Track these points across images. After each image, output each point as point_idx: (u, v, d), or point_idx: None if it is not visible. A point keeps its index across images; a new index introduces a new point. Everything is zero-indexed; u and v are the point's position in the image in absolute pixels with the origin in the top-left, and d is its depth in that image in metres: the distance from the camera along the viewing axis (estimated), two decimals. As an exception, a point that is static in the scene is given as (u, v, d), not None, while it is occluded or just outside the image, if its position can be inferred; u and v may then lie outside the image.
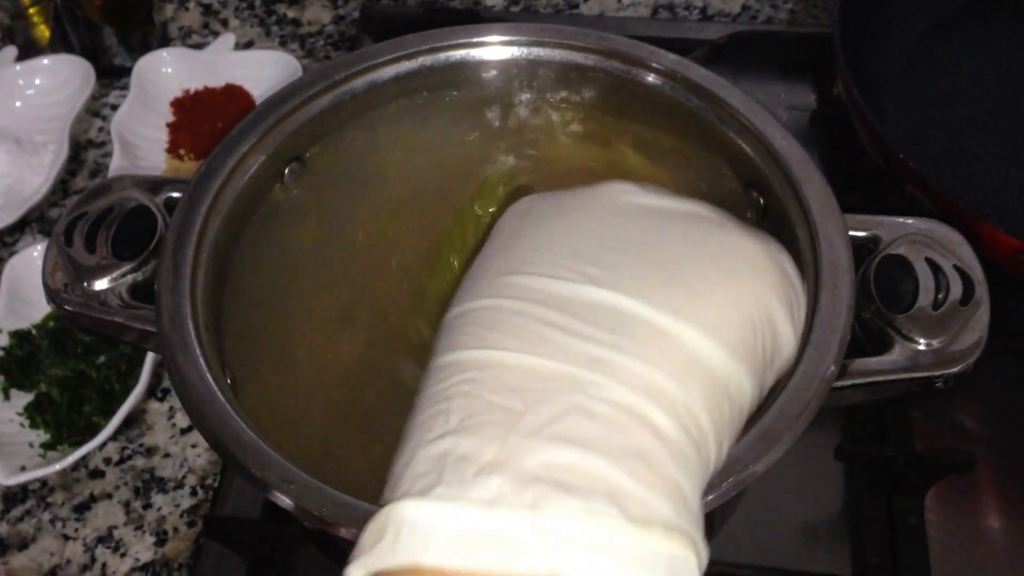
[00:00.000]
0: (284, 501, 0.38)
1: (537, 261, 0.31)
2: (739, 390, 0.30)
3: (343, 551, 0.50)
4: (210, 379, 0.41)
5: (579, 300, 0.29)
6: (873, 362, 0.43)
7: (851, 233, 0.45)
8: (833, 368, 0.40)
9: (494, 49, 0.54)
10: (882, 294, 0.44)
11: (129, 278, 0.47)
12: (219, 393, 0.41)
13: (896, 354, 0.43)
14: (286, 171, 0.52)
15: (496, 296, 0.30)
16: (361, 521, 0.36)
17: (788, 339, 0.33)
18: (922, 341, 0.43)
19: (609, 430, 0.26)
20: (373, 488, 0.42)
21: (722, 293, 0.30)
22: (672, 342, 0.28)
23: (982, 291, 0.44)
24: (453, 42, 0.54)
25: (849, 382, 0.42)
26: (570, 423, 0.26)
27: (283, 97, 0.51)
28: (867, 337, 0.45)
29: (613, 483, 0.25)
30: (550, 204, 0.35)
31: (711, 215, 0.34)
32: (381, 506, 0.27)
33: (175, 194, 0.50)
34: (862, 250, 0.46)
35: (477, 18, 0.85)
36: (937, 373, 0.43)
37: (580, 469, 0.25)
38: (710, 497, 0.37)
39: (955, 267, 0.45)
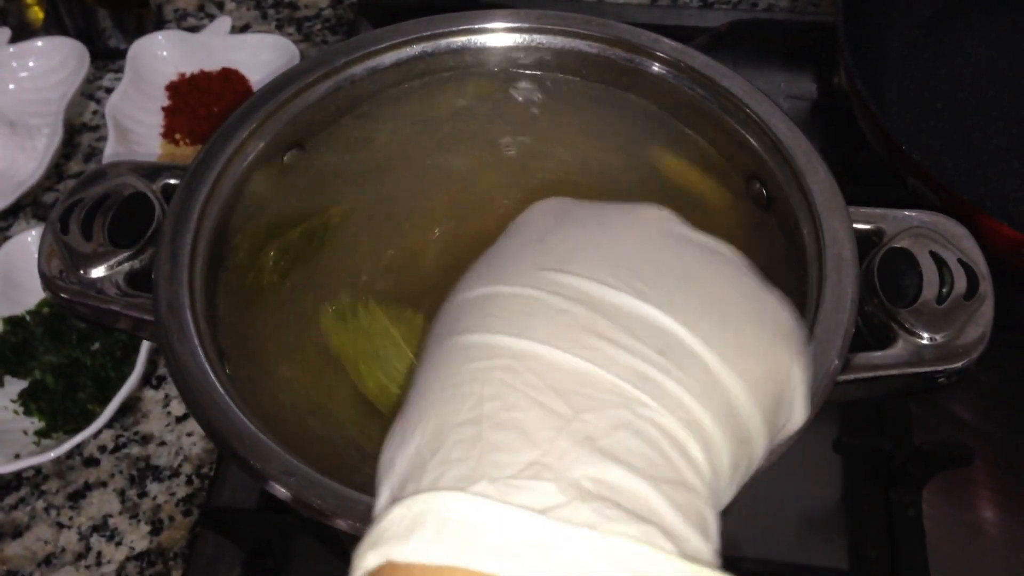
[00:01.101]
0: (282, 493, 0.38)
1: (581, 261, 0.29)
2: (756, 453, 0.29)
3: (341, 541, 0.50)
4: (208, 369, 0.41)
5: (627, 311, 0.27)
6: (876, 356, 0.43)
7: (855, 226, 0.45)
8: (837, 362, 0.40)
9: (496, 36, 0.53)
10: (886, 288, 0.44)
11: (126, 266, 0.46)
12: (217, 383, 0.40)
13: (899, 348, 0.43)
14: (285, 158, 0.51)
15: (533, 287, 0.28)
16: (361, 513, 0.37)
17: (799, 418, 0.31)
18: (925, 335, 0.43)
19: (655, 456, 0.25)
20: (373, 480, 0.42)
21: (768, 353, 0.29)
22: (716, 383, 0.27)
23: (986, 286, 0.44)
24: (454, 28, 0.53)
25: (852, 376, 0.42)
26: (618, 440, 0.25)
27: (282, 83, 0.51)
28: (870, 331, 0.44)
29: (661, 514, 0.24)
30: (587, 211, 0.33)
31: (741, 262, 0.32)
32: (399, 493, 0.26)
33: (172, 180, 0.49)
34: (866, 243, 0.46)
35: (475, 4, 0.84)
36: (940, 368, 0.43)
37: (630, 492, 0.24)
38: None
39: (959, 261, 0.45)
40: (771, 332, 0.30)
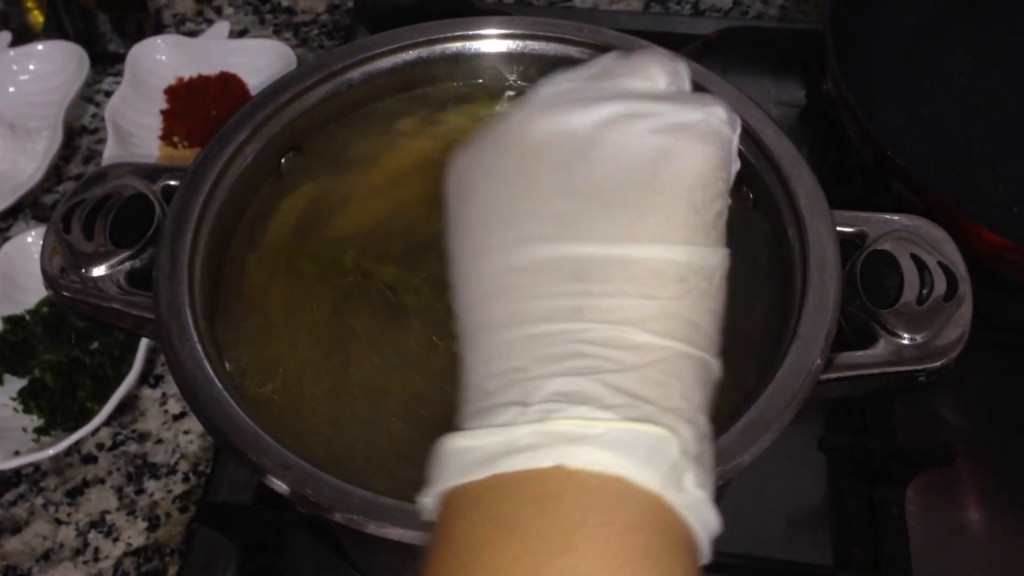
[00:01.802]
0: (280, 486, 0.39)
1: (495, 238, 0.33)
2: (710, 264, 0.32)
3: (336, 536, 0.51)
4: (207, 366, 0.42)
5: (542, 262, 0.32)
6: (858, 356, 0.44)
7: (838, 229, 0.46)
8: (819, 361, 0.41)
9: (490, 42, 0.54)
10: (868, 289, 0.45)
11: (127, 265, 0.47)
12: (216, 380, 0.41)
13: (880, 348, 0.44)
14: (283, 160, 0.52)
15: (476, 286, 0.33)
16: (356, 506, 0.38)
17: (728, 187, 0.35)
18: (906, 336, 0.44)
19: (598, 362, 0.30)
20: (370, 474, 0.43)
21: (655, 202, 0.32)
22: (630, 266, 0.31)
23: (965, 287, 0.45)
24: (449, 34, 0.54)
25: (835, 375, 0.43)
26: (566, 365, 0.30)
27: (280, 87, 0.52)
28: (852, 331, 0.45)
29: (601, 397, 0.29)
30: (478, 165, 0.36)
31: (625, 109, 0.34)
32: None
33: (172, 182, 0.50)
34: (849, 246, 0.47)
35: (471, 10, 0.86)
36: (920, 367, 0.44)
37: (576, 392, 0.29)
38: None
39: (939, 263, 0.46)
40: (655, 178, 0.32)
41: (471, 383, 0.32)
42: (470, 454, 0.29)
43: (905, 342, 0.44)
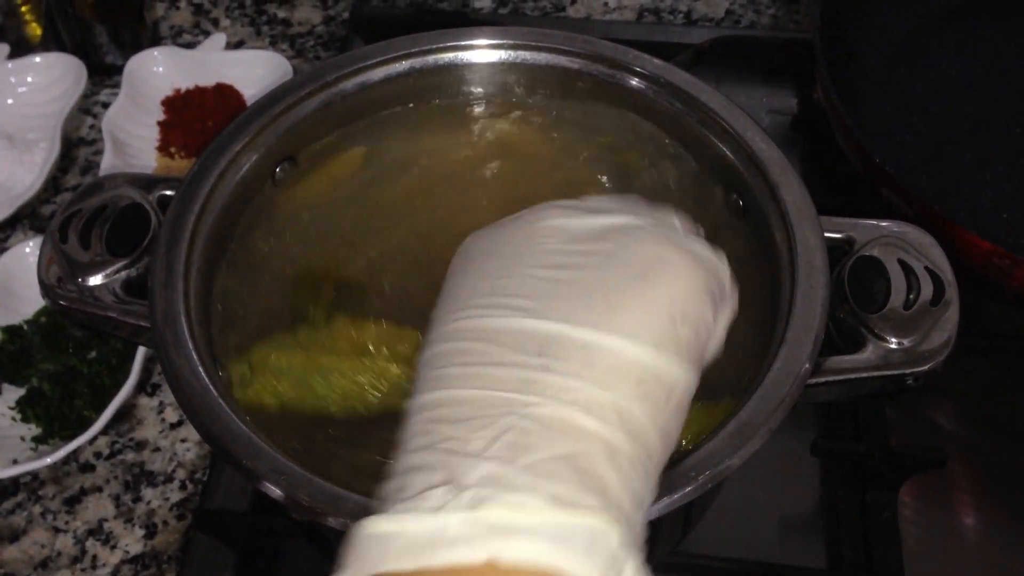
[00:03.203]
0: (274, 492, 0.39)
1: (476, 302, 0.34)
2: (671, 378, 0.33)
3: (331, 541, 0.51)
4: (203, 374, 0.42)
5: (511, 331, 0.32)
6: (846, 360, 0.45)
7: (827, 235, 0.46)
8: (808, 365, 0.42)
9: (482, 52, 0.55)
10: (856, 294, 0.46)
11: (123, 274, 0.48)
12: (211, 387, 0.42)
13: (868, 352, 0.45)
14: (277, 170, 0.53)
15: (446, 340, 0.34)
16: (350, 511, 0.38)
17: (711, 324, 0.35)
18: (893, 340, 0.45)
19: (538, 442, 0.29)
20: (359, 483, 0.43)
21: (636, 299, 0.33)
22: (593, 352, 0.32)
23: (952, 292, 0.46)
24: (442, 45, 0.55)
25: (823, 379, 0.44)
26: (504, 441, 0.29)
27: (275, 97, 0.52)
28: (841, 336, 0.46)
29: (536, 484, 0.28)
30: (484, 243, 0.38)
31: (635, 222, 0.36)
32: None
33: (168, 192, 0.51)
34: (837, 251, 0.47)
35: (466, 20, 0.87)
36: (908, 371, 0.44)
37: (510, 478, 0.28)
38: (688, 489, 0.38)
39: (926, 269, 0.46)
40: (642, 279, 0.34)
41: (406, 444, 0.32)
42: (394, 541, 0.28)
43: (893, 346, 0.45)
